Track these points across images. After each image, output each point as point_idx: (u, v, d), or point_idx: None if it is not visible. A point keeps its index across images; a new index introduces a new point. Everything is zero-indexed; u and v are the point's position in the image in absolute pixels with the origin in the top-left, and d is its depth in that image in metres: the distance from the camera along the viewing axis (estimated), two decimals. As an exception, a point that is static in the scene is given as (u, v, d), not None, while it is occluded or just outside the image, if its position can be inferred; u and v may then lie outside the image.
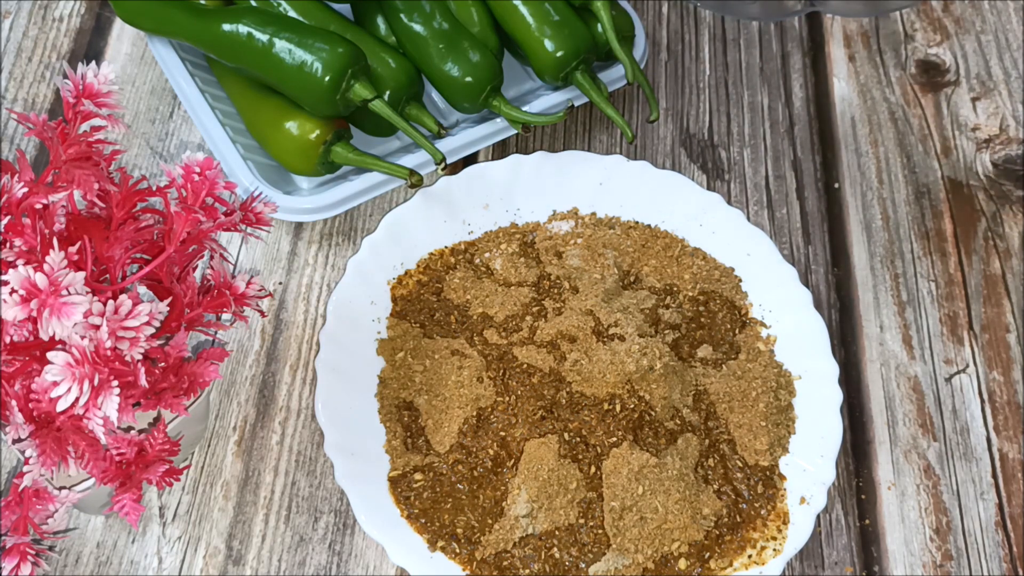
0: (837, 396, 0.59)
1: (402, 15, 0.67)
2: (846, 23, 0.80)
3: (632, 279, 0.64)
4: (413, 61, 0.67)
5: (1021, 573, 0.58)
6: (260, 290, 0.51)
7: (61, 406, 0.41)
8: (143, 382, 0.43)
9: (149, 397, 0.46)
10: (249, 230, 0.51)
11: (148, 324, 0.43)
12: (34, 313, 0.41)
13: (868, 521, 0.60)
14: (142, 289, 0.50)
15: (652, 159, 0.72)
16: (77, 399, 0.41)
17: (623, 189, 0.67)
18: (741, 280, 0.65)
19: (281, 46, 0.61)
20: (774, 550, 0.55)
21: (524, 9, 0.67)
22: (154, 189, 0.48)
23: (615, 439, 0.56)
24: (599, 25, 0.68)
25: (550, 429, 0.57)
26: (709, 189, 0.70)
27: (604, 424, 0.57)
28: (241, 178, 0.64)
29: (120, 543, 0.56)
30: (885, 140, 0.74)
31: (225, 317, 0.52)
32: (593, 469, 0.56)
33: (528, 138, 0.72)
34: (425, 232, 0.65)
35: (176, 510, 0.58)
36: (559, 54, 0.66)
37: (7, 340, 0.42)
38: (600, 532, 0.55)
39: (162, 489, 0.57)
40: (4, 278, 0.41)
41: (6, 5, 0.76)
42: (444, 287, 0.63)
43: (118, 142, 0.70)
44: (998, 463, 0.62)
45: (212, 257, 0.50)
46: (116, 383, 0.42)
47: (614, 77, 0.71)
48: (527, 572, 0.54)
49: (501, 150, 0.71)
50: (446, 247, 0.65)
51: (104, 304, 0.42)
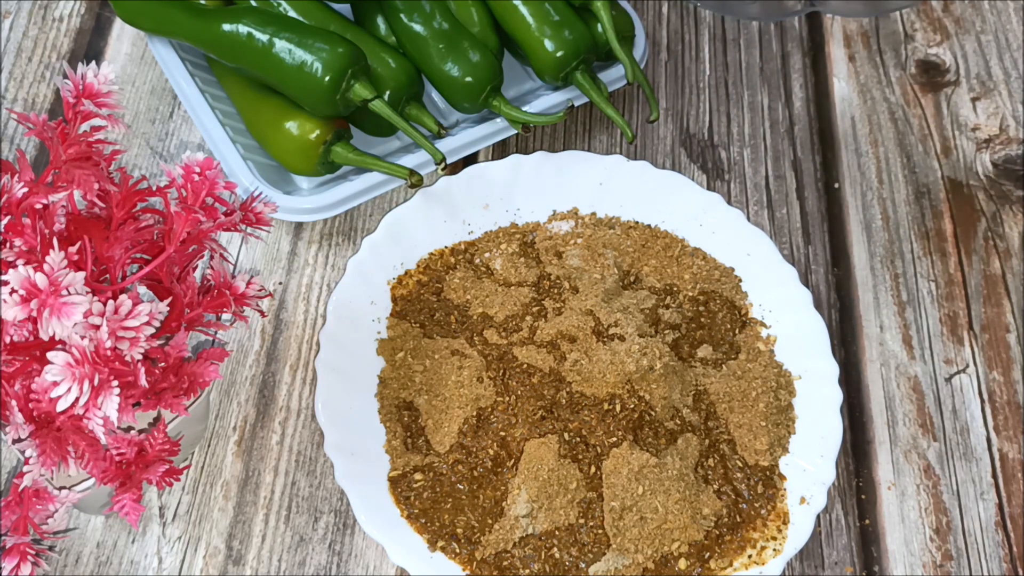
0: (837, 396, 0.59)
1: (402, 15, 0.67)
2: (846, 23, 0.80)
3: (632, 279, 0.64)
4: (413, 61, 0.67)
5: (1021, 573, 0.58)
6: (260, 290, 0.51)
7: (61, 406, 0.41)
8: (143, 382, 0.43)
9: (149, 397, 0.46)
10: (249, 230, 0.51)
11: (148, 324, 0.43)
12: (34, 313, 0.41)
13: (868, 521, 0.60)
14: (142, 289, 0.50)
15: (652, 159, 0.72)
16: (77, 399, 0.41)
17: (623, 189, 0.67)
18: (741, 280, 0.65)
19: (281, 46, 0.61)
20: (774, 550, 0.55)
21: (524, 9, 0.67)
22: (154, 189, 0.48)
23: (615, 439, 0.56)
24: (599, 25, 0.68)
25: (550, 429, 0.57)
26: (709, 189, 0.70)
27: (604, 424, 0.57)
28: (241, 178, 0.64)
29: (120, 543, 0.56)
30: (885, 140, 0.74)
31: (225, 317, 0.52)
32: (593, 469, 0.56)
33: (528, 138, 0.72)
34: (425, 232, 0.65)
35: (176, 510, 0.58)
36: (559, 54, 0.66)
37: (7, 340, 0.42)
38: (600, 532, 0.55)
39: (162, 489, 0.57)
40: (4, 278, 0.41)
41: (6, 5, 0.76)
42: (444, 287, 0.63)
43: (118, 142, 0.70)
44: (998, 463, 0.62)
45: (212, 257, 0.50)
46: (116, 383, 0.42)
47: (614, 77, 0.71)
48: (527, 572, 0.54)
49: (501, 150, 0.71)
50: (446, 247, 0.65)
51: (104, 304, 0.42)
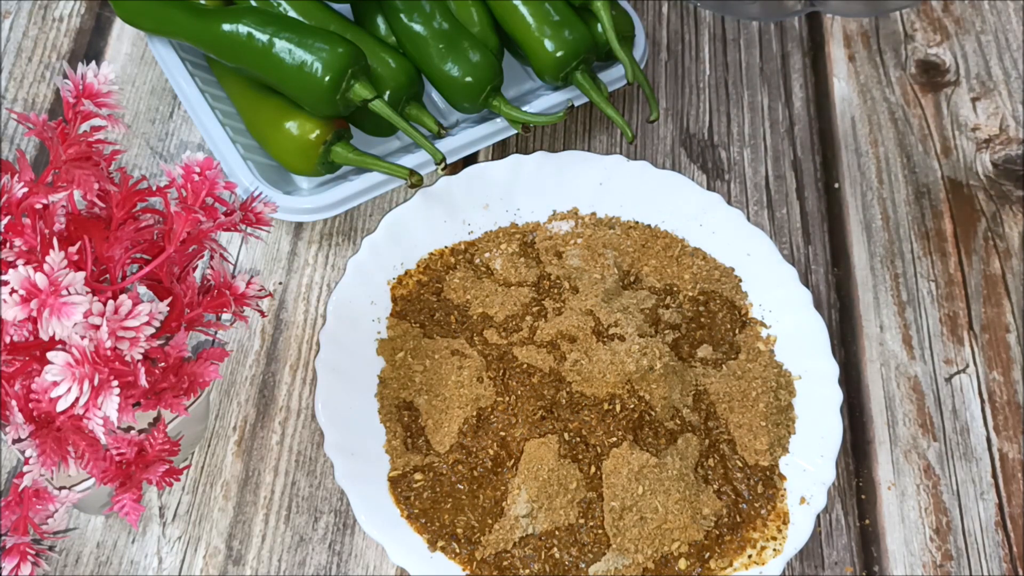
0: (837, 396, 0.59)
1: (402, 15, 0.67)
2: (846, 23, 0.80)
3: (632, 279, 0.64)
4: (413, 61, 0.67)
5: (1021, 573, 0.58)
6: (260, 290, 0.51)
7: (61, 406, 0.41)
8: (143, 382, 0.43)
9: (149, 397, 0.46)
10: (249, 230, 0.51)
11: (148, 324, 0.43)
12: (34, 313, 0.41)
13: (868, 521, 0.60)
14: (142, 289, 0.50)
15: (652, 159, 0.72)
16: (77, 399, 0.41)
17: (623, 189, 0.67)
18: (741, 280, 0.65)
19: (281, 46, 0.61)
20: (774, 550, 0.55)
21: (524, 9, 0.67)
22: (154, 189, 0.48)
23: (615, 439, 0.56)
24: (599, 25, 0.68)
25: (550, 429, 0.57)
26: (709, 189, 0.70)
27: (604, 424, 0.57)
28: (241, 178, 0.64)
29: (120, 543, 0.56)
30: (885, 140, 0.74)
31: (225, 317, 0.52)
32: (593, 469, 0.56)
33: (528, 138, 0.72)
34: (425, 232, 0.65)
35: (176, 510, 0.58)
36: (559, 54, 0.66)
37: (7, 340, 0.42)
38: (600, 532, 0.55)
39: (162, 489, 0.57)
40: (4, 278, 0.41)
41: (6, 5, 0.76)
42: (444, 287, 0.63)
43: (118, 142, 0.70)
44: (998, 463, 0.62)
45: (212, 257, 0.50)
46: (116, 383, 0.42)
47: (614, 77, 0.71)
48: (527, 572, 0.54)
49: (501, 150, 0.71)
50: (446, 247, 0.65)
51: (104, 304, 0.42)
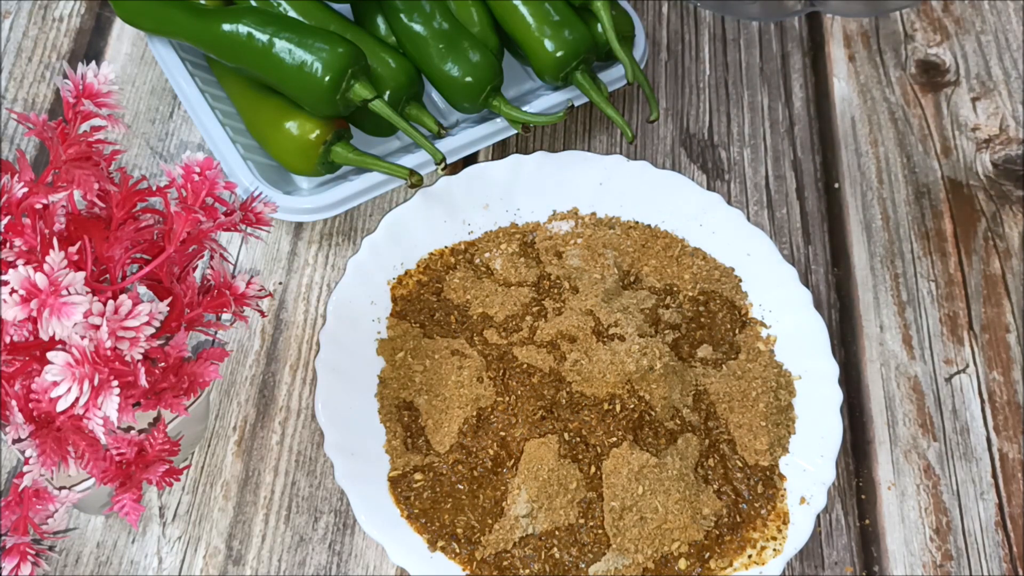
0: (837, 396, 0.59)
1: (402, 15, 0.67)
2: (846, 23, 0.80)
3: (632, 279, 0.64)
4: (413, 61, 0.67)
5: (1021, 573, 0.58)
6: (260, 290, 0.51)
7: (61, 406, 0.41)
8: (143, 382, 0.43)
9: (149, 397, 0.46)
10: (249, 230, 0.51)
11: (148, 324, 0.43)
12: (34, 313, 0.41)
13: (868, 521, 0.60)
14: (142, 289, 0.50)
15: (652, 159, 0.72)
16: (77, 399, 0.41)
17: (623, 189, 0.67)
18: (741, 280, 0.65)
19: (281, 46, 0.61)
20: (774, 550, 0.55)
21: (524, 9, 0.67)
22: (154, 189, 0.48)
23: (615, 439, 0.56)
24: (599, 25, 0.68)
25: (550, 429, 0.57)
26: (709, 189, 0.70)
27: (604, 424, 0.57)
28: (241, 178, 0.64)
29: (120, 543, 0.56)
30: (885, 140, 0.74)
31: (225, 317, 0.52)
32: (593, 469, 0.56)
33: (528, 138, 0.72)
34: (425, 232, 0.65)
35: (176, 510, 0.58)
36: (559, 54, 0.66)
37: (7, 340, 0.42)
38: (600, 532, 0.55)
39: (162, 489, 0.57)
40: (4, 278, 0.41)
41: (6, 5, 0.76)
42: (444, 287, 0.63)
43: (118, 142, 0.70)
44: (998, 463, 0.62)
45: (212, 257, 0.50)
46: (116, 383, 0.42)
47: (614, 77, 0.71)
48: (527, 572, 0.54)
49: (501, 150, 0.71)
50: (446, 247, 0.65)
51: (104, 304, 0.42)
